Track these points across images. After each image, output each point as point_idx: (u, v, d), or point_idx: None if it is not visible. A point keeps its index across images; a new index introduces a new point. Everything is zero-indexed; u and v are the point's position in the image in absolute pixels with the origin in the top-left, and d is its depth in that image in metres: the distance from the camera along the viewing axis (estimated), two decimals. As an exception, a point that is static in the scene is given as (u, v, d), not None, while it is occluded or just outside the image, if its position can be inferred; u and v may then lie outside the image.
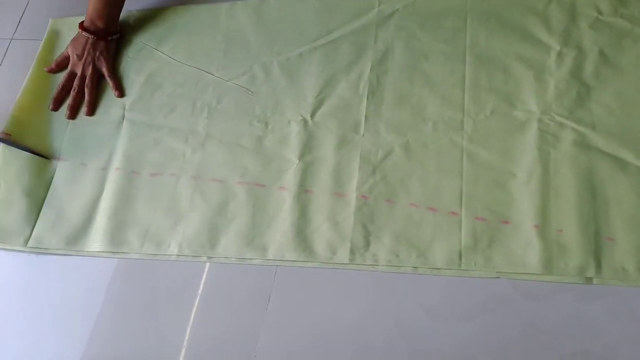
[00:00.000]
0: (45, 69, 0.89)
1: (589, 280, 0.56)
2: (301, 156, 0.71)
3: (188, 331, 0.66)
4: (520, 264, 0.58)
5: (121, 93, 0.84)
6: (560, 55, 0.66)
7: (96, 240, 0.74)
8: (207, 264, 0.70)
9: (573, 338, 0.55)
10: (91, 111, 0.84)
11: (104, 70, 0.85)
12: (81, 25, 0.85)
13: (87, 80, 0.85)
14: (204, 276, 0.69)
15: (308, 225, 0.66)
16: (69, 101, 0.85)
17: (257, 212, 0.69)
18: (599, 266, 0.56)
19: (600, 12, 0.67)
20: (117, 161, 0.78)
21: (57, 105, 0.86)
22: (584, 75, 0.64)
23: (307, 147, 0.71)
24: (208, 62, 0.82)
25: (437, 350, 0.58)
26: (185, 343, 0.66)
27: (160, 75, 0.83)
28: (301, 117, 0.74)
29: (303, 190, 0.69)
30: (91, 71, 0.85)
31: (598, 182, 0.59)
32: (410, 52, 0.73)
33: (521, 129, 0.64)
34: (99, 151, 0.80)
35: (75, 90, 0.85)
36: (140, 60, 0.86)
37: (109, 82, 0.85)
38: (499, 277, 0.59)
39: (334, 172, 0.69)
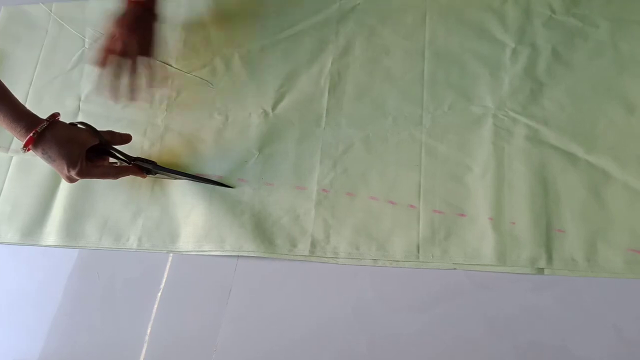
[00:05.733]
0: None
1: (540, 270, 0.58)
2: (261, 148, 0.71)
3: (150, 324, 0.66)
4: (475, 256, 0.60)
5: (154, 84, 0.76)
6: (514, 52, 0.68)
7: (52, 233, 0.73)
8: (170, 257, 0.69)
9: (525, 327, 0.56)
10: (135, 96, 0.75)
11: (145, 56, 0.75)
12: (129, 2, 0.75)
13: (130, 63, 0.74)
14: (167, 269, 0.69)
15: (268, 218, 0.66)
16: (109, 84, 0.74)
17: (216, 204, 0.69)
18: (549, 257, 0.58)
19: (553, 11, 0.69)
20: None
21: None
22: (537, 72, 0.66)
23: (268, 139, 0.71)
24: (167, 53, 0.81)
25: (396, 340, 0.59)
26: (147, 337, 0.65)
27: (117, 66, 0.82)
28: (262, 110, 0.73)
29: (263, 183, 0.68)
30: (133, 55, 0.74)
31: (549, 176, 0.61)
32: (370, 47, 0.74)
33: (477, 124, 0.66)
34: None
35: (117, 72, 0.74)
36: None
37: (148, 68, 0.75)
38: (455, 269, 0.60)
39: (295, 165, 0.69)
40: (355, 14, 0.76)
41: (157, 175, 0.72)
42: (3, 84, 0.63)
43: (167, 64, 0.80)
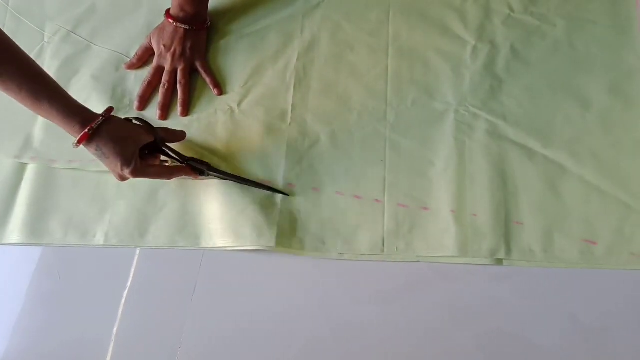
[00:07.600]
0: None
1: (499, 261, 0.60)
2: (227, 144, 0.70)
3: (117, 323, 0.65)
4: (438, 248, 0.61)
5: (220, 91, 0.75)
6: (475, 49, 0.70)
7: (15, 231, 0.71)
8: (137, 254, 0.68)
9: (485, 316, 0.58)
10: (186, 111, 0.75)
11: (198, 64, 0.76)
12: (168, 14, 0.76)
13: (179, 76, 0.75)
14: (134, 266, 0.68)
15: (235, 211, 0.66)
16: (159, 99, 0.75)
17: (188, 200, 0.69)
18: (508, 248, 0.59)
19: (512, 10, 0.71)
20: (32, 150, 0.75)
21: (143, 104, 0.76)
22: (496, 69, 0.68)
23: (234, 136, 0.71)
24: (129, 46, 0.80)
25: (361, 331, 0.59)
26: (113, 337, 0.65)
27: (77, 60, 0.80)
28: (228, 106, 0.73)
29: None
30: (183, 65, 0.75)
31: (508, 170, 0.63)
32: (336, 43, 0.74)
33: (439, 119, 0.67)
34: (13, 139, 0.76)
35: (165, 87, 0.75)
36: (56, 44, 0.82)
37: (205, 79, 0.75)
38: (418, 261, 0.61)
39: (261, 160, 0.69)
40: (321, 10, 0.77)
41: (209, 177, 0.68)
42: (53, 79, 0.60)
43: (128, 57, 0.79)
